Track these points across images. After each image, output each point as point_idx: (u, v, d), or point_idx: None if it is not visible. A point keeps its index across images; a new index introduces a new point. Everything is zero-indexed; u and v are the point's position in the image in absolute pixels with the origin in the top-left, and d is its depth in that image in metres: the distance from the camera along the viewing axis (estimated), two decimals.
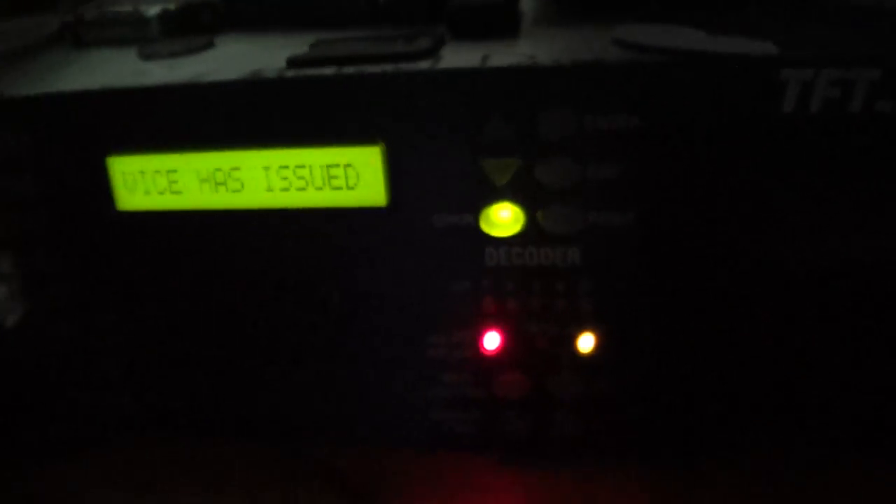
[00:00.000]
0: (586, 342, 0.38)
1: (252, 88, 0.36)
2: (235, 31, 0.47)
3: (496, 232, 0.36)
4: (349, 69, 0.36)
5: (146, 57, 0.43)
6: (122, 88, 0.38)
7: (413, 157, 0.36)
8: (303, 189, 0.37)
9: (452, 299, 0.38)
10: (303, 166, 0.37)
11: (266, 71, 0.37)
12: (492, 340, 0.39)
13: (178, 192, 0.38)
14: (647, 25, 0.38)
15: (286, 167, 0.37)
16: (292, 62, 0.37)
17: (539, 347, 0.38)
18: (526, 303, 0.38)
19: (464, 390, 0.40)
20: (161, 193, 0.39)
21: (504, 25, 0.40)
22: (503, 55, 0.36)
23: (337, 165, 0.36)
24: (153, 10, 0.45)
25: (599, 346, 0.38)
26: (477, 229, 0.37)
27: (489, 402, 0.40)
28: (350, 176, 0.36)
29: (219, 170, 0.38)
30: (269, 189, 0.37)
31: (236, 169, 0.37)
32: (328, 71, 0.36)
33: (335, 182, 0.37)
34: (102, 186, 0.39)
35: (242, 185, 0.38)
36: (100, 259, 0.41)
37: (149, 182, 0.39)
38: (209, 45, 0.44)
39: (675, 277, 0.36)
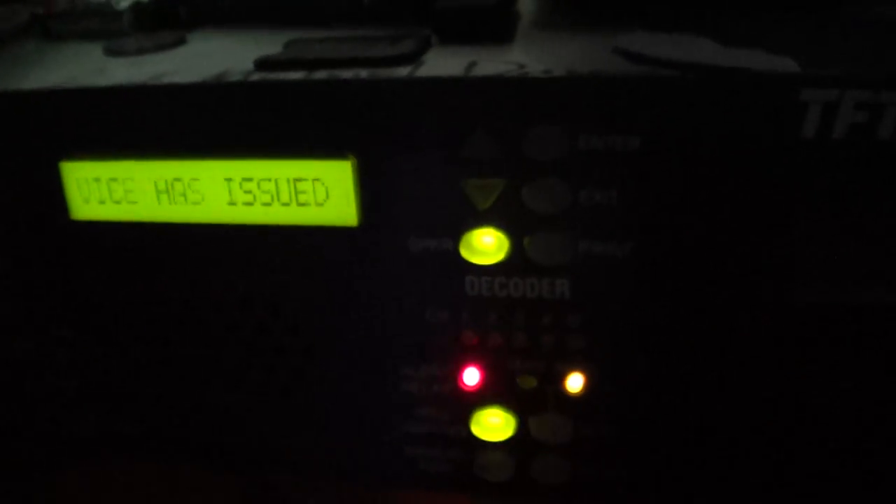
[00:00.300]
0: (575, 382, 0.34)
1: (214, 92, 0.33)
2: (212, 27, 0.44)
3: (478, 259, 0.33)
4: (320, 74, 0.32)
5: (112, 53, 0.39)
6: (76, 88, 0.34)
7: (388, 173, 0.32)
8: (268, 204, 0.34)
9: (429, 330, 0.35)
10: (268, 179, 0.33)
11: (231, 73, 0.33)
12: (471, 376, 0.35)
13: (134, 202, 0.35)
14: (654, 34, 0.34)
15: (250, 180, 0.33)
16: (261, 64, 0.34)
17: (523, 386, 0.35)
18: (510, 337, 0.34)
19: (441, 427, 0.37)
20: (117, 203, 0.35)
21: (496, 29, 0.36)
22: (491, 63, 0.32)
23: (305, 180, 0.33)
24: (125, 3, 0.42)
25: (589, 387, 0.34)
26: (457, 256, 0.33)
27: (468, 441, 0.36)
28: (319, 192, 0.33)
29: (178, 180, 0.34)
30: (232, 203, 0.34)
31: (196, 180, 0.34)
32: (297, 75, 0.32)
33: (303, 198, 0.33)
34: (56, 193, 0.36)
35: (203, 198, 0.34)
36: (52, 270, 0.38)
37: (104, 190, 0.35)
38: (180, 41, 0.40)
39: (674, 315, 0.32)
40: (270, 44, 0.37)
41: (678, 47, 0.32)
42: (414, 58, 0.33)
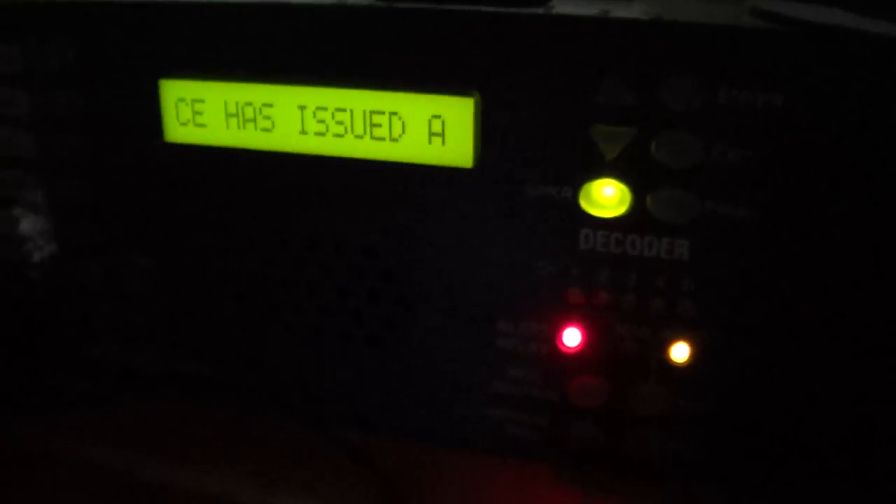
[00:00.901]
0: (680, 351, 0.33)
1: (333, 16, 0.31)
2: None
3: (596, 211, 0.31)
4: (450, 6, 0.31)
5: None
6: (183, 2, 0.33)
7: (511, 113, 0.31)
8: (379, 139, 0.32)
9: (534, 283, 0.33)
10: (381, 112, 0.32)
11: (352, 0, 0.32)
12: (572, 337, 0.33)
13: (234, 129, 0.33)
14: (789, 2, 0.33)
15: (361, 111, 0.32)
16: None
17: (625, 351, 0.33)
18: (618, 298, 0.32)
19: (533, 390, 0.35)
20: (215, 128, 0.34)
21: None
22: (625, 12, 0.30)
23: (421, 115, 0.31)
24: None
25: (695, 358, 0.32)
26: (575, 205, 0.31)
27: (560, 407, 0.35)
28: (436, 128, 0.31)
29: (286, 107, 0.33)
30: (339, 135, 0.32)
31: (303, 108, 0.32)
32: (423, 5, 0.31)
33: (416, 134, 0.32)
34: (151, 113, 0.34)
35: (309, 128, 0.33)
36: (139, 195, 0.36)
37: (204, 113, 0.34)
38: None
39: (796, 289, 0.31)
40: None
41: (819, 13, 0.30)
42: (543, 1, 0.32)
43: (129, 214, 0.37)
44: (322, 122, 0.32)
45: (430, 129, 0.31)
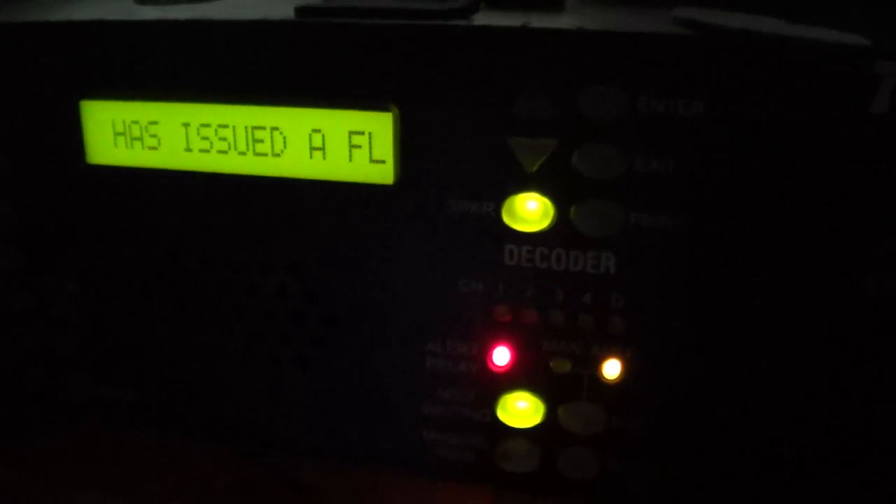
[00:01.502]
0: (612, 368, 0.32)
1: (250, 33, 0.31)
2: None
3: (520, 226, 0.30)
4: (368, 20, 0.30)
5: (143, 1, 0.37)
6: (103, 21, 0.32)
7: (431, 128, 0.30)
8: (298, 157, 0.31)
9: (460, 302, 0.32)
10: (301, 129, 0.31)
11: (271, 18, 0.31)
12: (502, 355, 0.32)
13: (155, 148, 0.33)
14: (713, 10, 0.32)
15: (278, 129, 0.31)
16: (302, 11, 0.32)
17: (556, 369, 0.32)
18: (546, 314, 0.31)
19: (464, 411, 0.34)
20: (138, 148, 0.33)
21: None
22: (546, 22, 0.30)
23: (340, 132, 0.30)
24: None
25: (627, 374, 0.32)
26: (498, 221, 0.30)
27: (492, 427, 0.34)
28: (356, 143, 0.30)
29: (205, 126, 0.32)
30: (260, 153, 0.32)
31: (224, 126, 0.32)
32: (342, 20, 0.30)
33: (336, 151, 0.31)
34: (73, 134, 0.33)
35: (229, 146, 0.32)
36: (61, 218, 0.35)
37: (125, 134, 0.33)
38: None
39: (726, 299, 0.30)
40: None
41: (744, 20, 0.30)
42: (465, 14, 0.31)
43: (55, 238, 0.36)
44: (243, 140, 0.32)
45: (350, 144, 0.31)
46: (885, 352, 0.29)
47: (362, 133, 0.30)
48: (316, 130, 0.31)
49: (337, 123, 0.30)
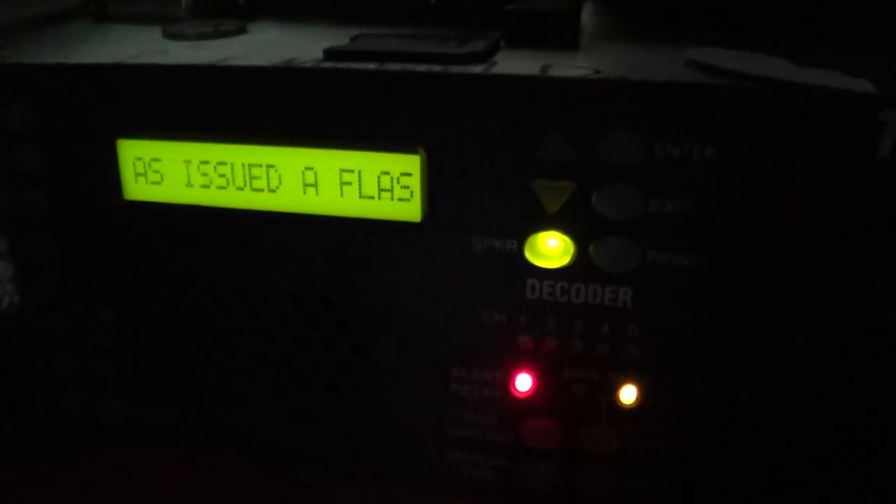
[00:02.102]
0: (629, 393, 0.33)
1: (283, 78, 0.32)
2: (270, 18, 0.43)
3: (541, 262, 0.32)
4: (392, 66, 0.32)
5: (171, 36, 0.39)
6: (138, 65, 0.34)
7: (456, 169, 0.32)
8: (330, 195, 0.33)
9: (484, 332, 0.34)
10: (332, 169, 0.32)
11: (300, 61, 0.33)
12: (524, 382, 0.34)
13: (191, 186, 0.34)
14: (725, 50, 0.33)
15: (311, 169, 0.33)
16: (330, 54, 0.33)
17: (576, 395, 0.34)
18: (566, 344, 0.33)
19: (487, 433, 0.36)
20: (173, 185, 0.34)
21: (565, 35, 0.35)
22: (565, 66, 0.31)
23: (370, 173, 0.32)
24: None
25: (643, 400, 0.33)
26: (520, 257, 0.32)
27: (514, 448, 0.36)
28: (384, 185, 0.32)
29: (238, 165, 0.33)
30: (291, 192, 0.33)
31: (257, 166, 0.33)
32: (370, 66, 0.32)
33: (366, 190, 0.32)
34: (109, 172, 0.35)
35: (263, 185, 0.33)
36: (100, 250, 0.37)
37: (160, 171, 0.34)
38: (241, 30, 0.39)
39: (737, 333, 0.32)
40: (335, 37, 0.36)
41: (753, 63, 0.31)
42: (485, 57, 0.33)
43: (92, 270, 0.37)
44: (274, 180, 0.33)
45: (379, 184, 0.32)
46: (879, 379, 0.31)
47: (391, 173, 0.32)
48: (348, 171, 0.32)
49: (369, 164, 0.32)
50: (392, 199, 0.32)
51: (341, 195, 0.33)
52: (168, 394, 0.39)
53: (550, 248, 0.32)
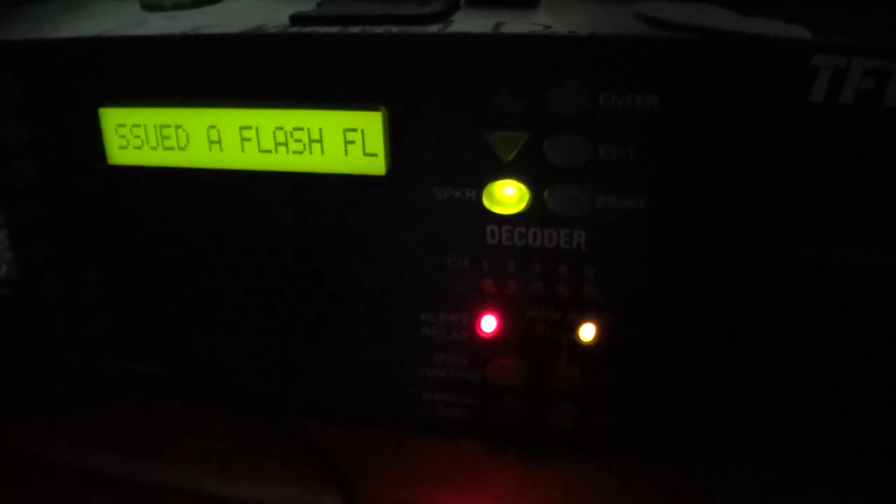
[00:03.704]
0: (587, 331, 0.36)
1: (252, 44, 0.35)
2: None
3: (499, 209, 0.35)
4: (354, 29, 0.34)
5: (149, 8, 0.41)
6: (116, 37, 0.36)
7: (416, 125, 0.34)
8: (299, 153, 0.35)
9: (449, 277, 0.36)
10: (300, 128, 0.35)
11: (268, 27, 0.35)
12: (489, 323, 0.37)
13: (170, 149, 0.37)
14: (671, 2, 0.36)
15: (281, 129, 0.35)
16: (296, 19, 0.36)
17: (538, 334, 0.37)
18: (527, 286, 0.36)
19: (457, 373, 0.38)
20: (153, 149, 0.37)
21: None
22: (518, 24, 0.34)
23: (336, 129, 0.35)
24: None
25: (601, 336, 0.36)
26: (479, 205, 0.35)
27: (483, 387, 0.38)
28: (349, 140, 0.35)
29: (213, 127, 0.36)
30: (263, 150, 0.36)
31: (230, 128, 0.36)
32: (332, 30, 0.34)
33: (332, 147, 0.35)
34: (93, 139, 0.38)
35: (235, 145, 0.36)
36: (87, 214, 0.40)
37: (141, 136, 0.37)
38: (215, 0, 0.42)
39: (684, 269, 0.34)
40: (303, 4, 0.39)
41: (696, 14, 0.34)
42: (443, 17, 0.35)
43: (81, 232, 0.40)
44: (248, 140, 0.36)
45: (345, 140, 0.35)
46: (815, 303, 0.34)
47: (356, 130, 0.34)
48: (315, 129, 0.35)
49: (333, 122, 0.34)
50: (357, 155, 0.35)
51: (310, 152, 0.35)
52: (158, 348, 0.42)
53: (507, 196, 0.34)
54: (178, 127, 0.36)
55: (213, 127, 0.36)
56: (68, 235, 0.40)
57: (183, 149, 0.37)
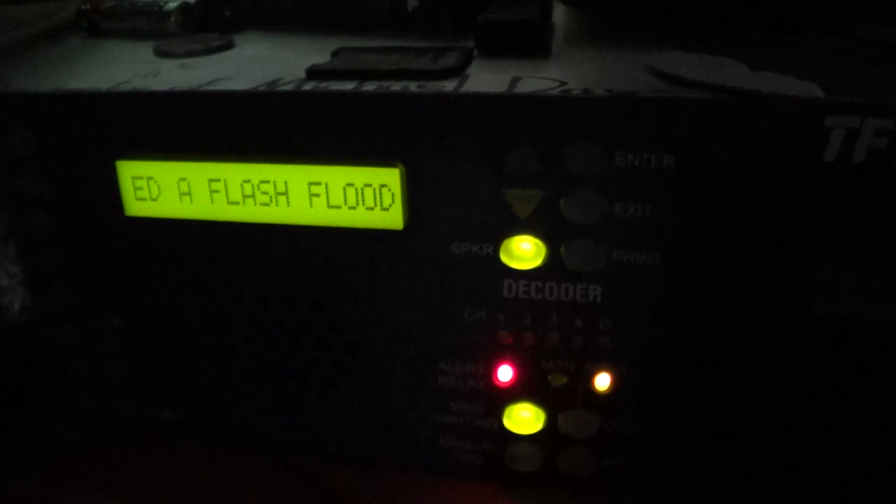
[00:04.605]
0: (603, 381, 0.37)
1: (269, 100, 0.36)
2: (257, 29, 0.46)
3: (516, 264, 0.36)
4: (370, 85, 0.35)
5: (162, 54, 0.42)
6: (132, 93, 0.37)
7: (433, 181, 0.35)
8: (316, 207, 0.36)
9: (467, 329, 0.37)
10: (318, 183, 0.36)
11: (284, 81, 0.36)
12: (505, 373, 0.38)
13: (187, 202, 0.38)
14: (684, 54, 0.36)
15: (299, 183, 0.36)
16: (312, 73, 0.37)
17: (554, 383, 0.38)
18: (543, 337, 0.37)
19: (474, 420, 0.40)
20: (170, 202, 0.38)
21: (535, 43, 0.39)
22: (533, 79, 0.35)
23: (354, 185, 0.35)
24: (173, 3, 0.44)
25: (616, 386, 0.37)
26: (496, 260, 0.36)
27: (499, 433, 0.39)
28: (367, 197, 0.36)
29: (231, 181, 0.37)
30: (281, 205, 0.37)
31: (248, 182, 0.37)
32: (349, 86, 0.35)
33: (351, 201, 0.36)
34: (111, 191, 0.38)
35: (253, 200, 0.37)
36: (106, 263, 0.41)
37: (158, 189, 0.38)
38: (228, 45, 0.43)
39: (697, 323, 0.35)
40: (317, 51, 0.39)
41: (708, 69, 0.34)
42: (458, 71, 0.36)
43: (99, 281, 0.41)
44: (266, 193, 0.37)
45: (362, 196, 0.36)
46: (830, 357, 0.35)
47: (373, 186, 0.35)
48: (333, 184, 0.36)
49: (352, 178, 0.35)
50: (375, 209, 0.36)
51: (328, 206, 0.36)
52: (176, 393, 0.43)
53: (524, 251, 0.35)
54: (195, 180, 0.37)
55: (231, 181, 0.37)
56: (88, 283, 0.41)
57: (200, 201, 0.38)
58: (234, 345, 0.41)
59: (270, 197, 0.37)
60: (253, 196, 0.37)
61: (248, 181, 0.37)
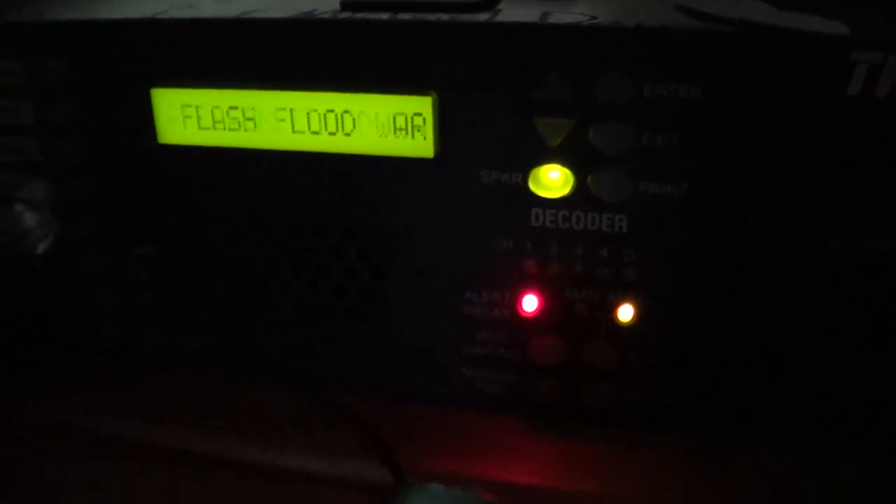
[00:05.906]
0: (626, 312, 0.39)
1: (304, 28, 0.37)
2: None
3: (544, 193, 0.38)
4: (405, 16, 0.37)
5: None
6: (169, 20, 0.39)
7: (465, 110, 0.37)
8: (349, 135, 0.38)
9: (493, 257, 0.39)
10: (350, 112, 0.38)
11: (320, 12, 0.38)
12: (530, 303, 0.40)
13: (220, 129, 0.40)
14: None
15: (332, 111, 0.38)
16: (346, 4, 0.39)
17: (577, 314, 0.40)
18: (568, 267, 0.39)
19: (498, 350, 0.41)
20: (204, 129, 0.40)
21: None
22: (563, 13, 0.37)
23: (387, 113, 0.37)
24: None
25: (638, 317, 0.39)
26: (524, 188, 0.38)
27: (523, 364, 0.41)
28: (399, 124, 0.37)
29: (264, 109, 0.39)
30: (315, 132, 0.39)
31: (282, 109, 0.38)
32: (383, 16, 0.37)
33: (383, 130, 0.38)
34: (144, 118, 0.40)
35: (288, 127, 0.39)
36: (136, 192, 0.43)
37: (193, 117, 0.40)
38: None
39: (721, 254, 0.37)
40: None
41: (736, 7, 0.36)
42: (490, 6, 0.38)
43: (129, 209, 0.43)
44: (299, 121, 0.39)
45: (394, 124, 0.38)
46: (845, 291, 0.37)
47: (405, 114, 0.37)
48: (367, 112, 0.37)
49: (385, 106, 0.37)
50: (407, 138, 0.38)
51: (361, 134, 0.38)
52: (203, 322, 0.45)
53: (552, 180, 0.37)
54: (229, 108, 0.39)
55: (264, 109, 0.39)
56: (117, 212, 0.43)
57: (233, 129, 0.39)
58: (264, 273, 0.43)
59: (304, 124, 0.39)
60: (287, 124, 0.39)
61: (283, 109, 0.38)
